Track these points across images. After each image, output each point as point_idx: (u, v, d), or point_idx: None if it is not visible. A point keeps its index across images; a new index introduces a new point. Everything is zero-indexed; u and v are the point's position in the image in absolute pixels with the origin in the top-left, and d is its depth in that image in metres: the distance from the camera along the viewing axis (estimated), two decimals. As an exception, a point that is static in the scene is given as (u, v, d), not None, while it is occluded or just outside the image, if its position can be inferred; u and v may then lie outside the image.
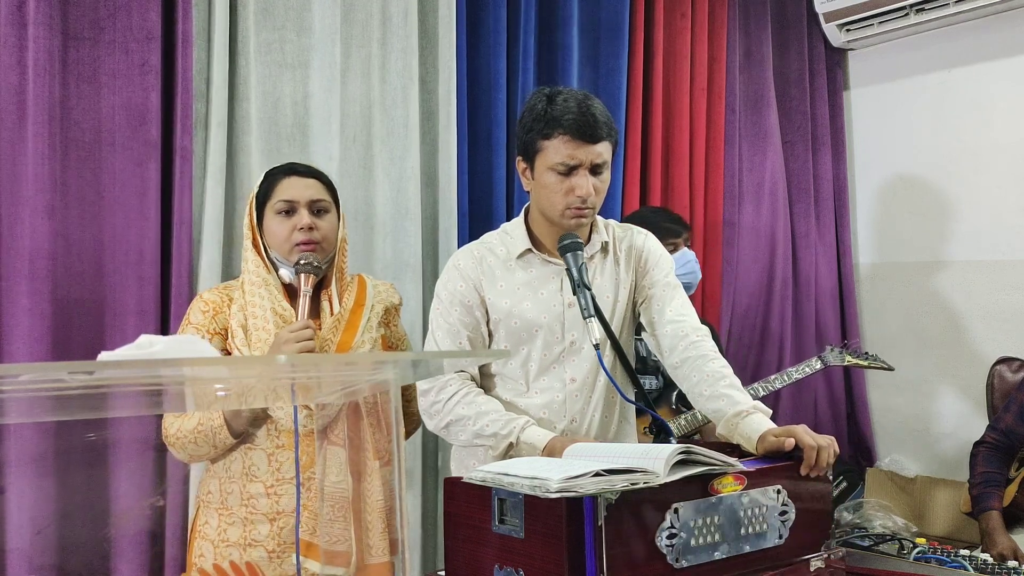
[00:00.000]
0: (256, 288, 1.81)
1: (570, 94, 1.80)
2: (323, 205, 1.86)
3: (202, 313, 1.82)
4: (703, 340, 1.87)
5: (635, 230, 2.01)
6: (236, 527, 1.77)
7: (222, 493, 1.80)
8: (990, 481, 2.63)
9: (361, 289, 1.93)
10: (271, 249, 1.84)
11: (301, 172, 1.88)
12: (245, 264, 1.84)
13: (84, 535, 2.14)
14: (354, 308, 1.88)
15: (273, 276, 1.83)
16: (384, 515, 1.79)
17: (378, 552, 1.76)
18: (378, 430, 1.76)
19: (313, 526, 1.74)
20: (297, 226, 1.81)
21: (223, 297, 1.84)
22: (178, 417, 1.77)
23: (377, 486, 1.75)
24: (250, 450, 1.79)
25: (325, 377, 1.34)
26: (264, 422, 1.78)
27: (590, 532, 1.25)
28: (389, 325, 1.98)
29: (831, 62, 3.91)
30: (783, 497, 1.48)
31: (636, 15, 3.20)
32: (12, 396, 1.03)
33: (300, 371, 1.29)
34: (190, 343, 1.41)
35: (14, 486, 2.04)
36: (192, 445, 1.75)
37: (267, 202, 1.84)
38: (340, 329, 1.84)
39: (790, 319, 3.68)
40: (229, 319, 1.81)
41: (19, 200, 2.08)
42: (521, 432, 1.75)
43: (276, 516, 1.77)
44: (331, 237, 1.86)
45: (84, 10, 2.19)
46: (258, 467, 1.78)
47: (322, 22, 2.51)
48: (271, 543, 1.76)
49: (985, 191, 3.51)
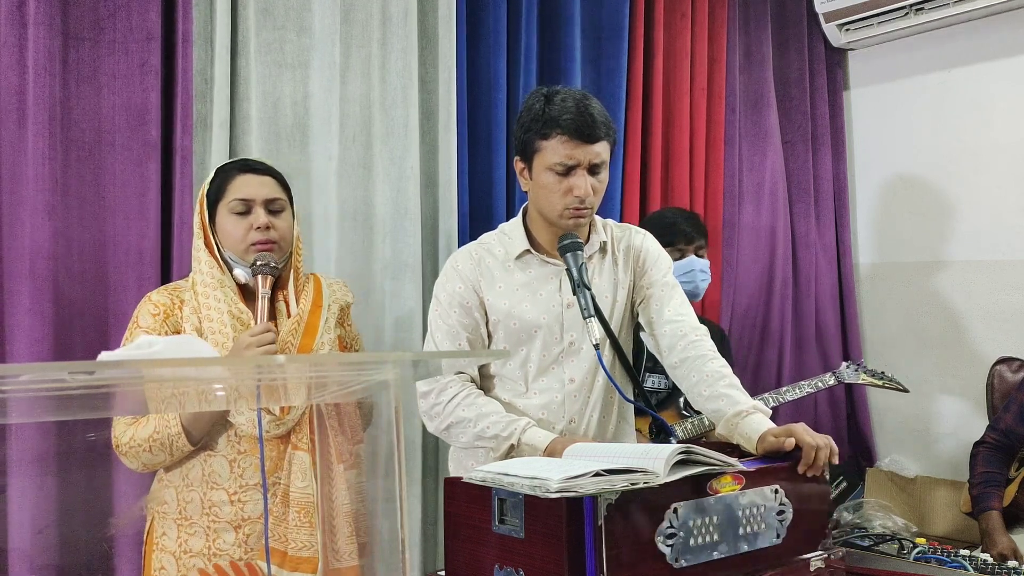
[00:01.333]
0: (210, 290, 1.76)
1: (568, 94, 1.80)
2: (279, 204, 1.82)
3: (152, 316, 1.76)
4: (702, 340, 1.87)
5: (633, 230, 2.01)
6: (198, 537, 1.72)
7: (180, 502, 1.74)
8: (990, 481, 2.64)
9: (317, 289, 1.88)
10: (225, 249, 1.79)
11: (256, 169, 1.83)
12: (197, 264, 1.79)
13: (85, 535, 2.13)
14: (312, 309, 1.83)
15: (228, 277, 1.78)
16: (352, 519, 1.77)
17: (346, 556, 1.74)
18: (341, 433, 1.75)
19: (281, 532, 1.71)
20: (254, 225, 1.76)
21: (173, 299, 1.79)
22: (130, 424, 1.72)
23: (343, 490, 1.73)
24: (210, 457, 1.74)
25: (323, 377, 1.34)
26: (224, 429, 1.74)
27: (590, 532, 1.25)
28: (344, 324, 1.95)
29: (831, 62, 3.91)
30: (780, 497, 1.49)
31: (636, 15, 3.20)
32: (13, 396, 1.03)
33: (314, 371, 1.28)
34: (189, 343, 1.42)
35: (15, 486, 2.04)
36: (147, 454, 1.70)
37: (220, 200, 1.79)
38: (300, 332, 1.79)
39: (790, 319, 3.68)
40: (182, 322, 1.76)
41: (19, 200, 2.08)
42: (522, 434, 1.75)
43: (241, 523, 1.73)
44: (288, 236, 1.82)
45: (84, 10, 2.19)
46: (219, 474, 1.74)
47: (322, 22, 2.51)
48: (237, 551, 1.72)
49: (985, 191, 3.51)
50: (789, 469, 1.53)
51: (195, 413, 1.68)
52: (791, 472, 1.53)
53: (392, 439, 1.15)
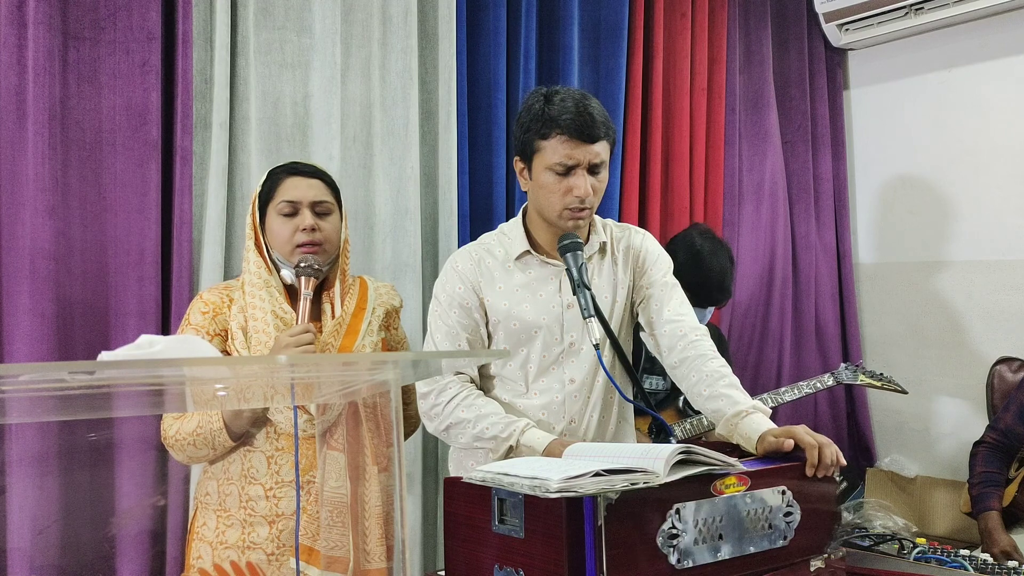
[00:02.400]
0: (257, 289, 1.79)
1: (567, 94, 1.80)
2: (326, 206, 1.84)
3: (202, 314, 1.80)
4: (702, 340, 1.87)
5: (633, 230, 2.01)
6: (235, 529, 1.76)
7: (220, 495, 1.79)
8: (989, 481, 2.64)
9: (363, 292, 1.91)
10: (273, 250, 1.82)
11: (304, 172, 1.86)
12: (246, 264, 1.83)
13: (86, 535, 2.14)
14: (355, 312, 1.86)
15: (275, 277, 1.81)
16: (382, 521, 1.78)
17: (375, 558, 1.75)
18: (376, 435, 1.76)
19: (313, 531, 1.73)
20: (300, 227, 1.79)
21: (223, 298, 1.82)
22: (176, 419, 1.76)
23: (376, 492, 1.74)
24: (249, 452, 1.78)
25: (324, 377, 1.34)
26: (264, 425, 1.77)
27: (590, 532, 1.25)
28: (390, 328, 1.97)
29: (831, 62, 3.91)
30: (788, 498, 1.48)
31: (636, 15, 3.20)
32: (13, 396, 1.03)
33: (299, 371, 1.28)
34: (190, 343, 1.42)
35: (15, 486, 2.04)
36: (191, 447, 1.75)
37: (270, 202, 1.83)
38: (341, 333, 1.82)
39: (790, 319, 3.68)
40: (229, 320, 1.79)
41: (20, 200, 2.09)
42: (521, 435, 1.75)
43: (275, 519, 1.76)
44: (334, 239, 1.85)
45: (84, 10, 2.19)
46: (257, 469, 1.77)
47: (322, 22, 2.51)
48: (270, 546, 1.75)
49: (985, 191, 3.51)
50: (796, 470, 1.52)
51: (235, 410, 1.72)
52: (798, 473, 1.52)
53: (392, 439, 1.15)
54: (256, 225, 1.83)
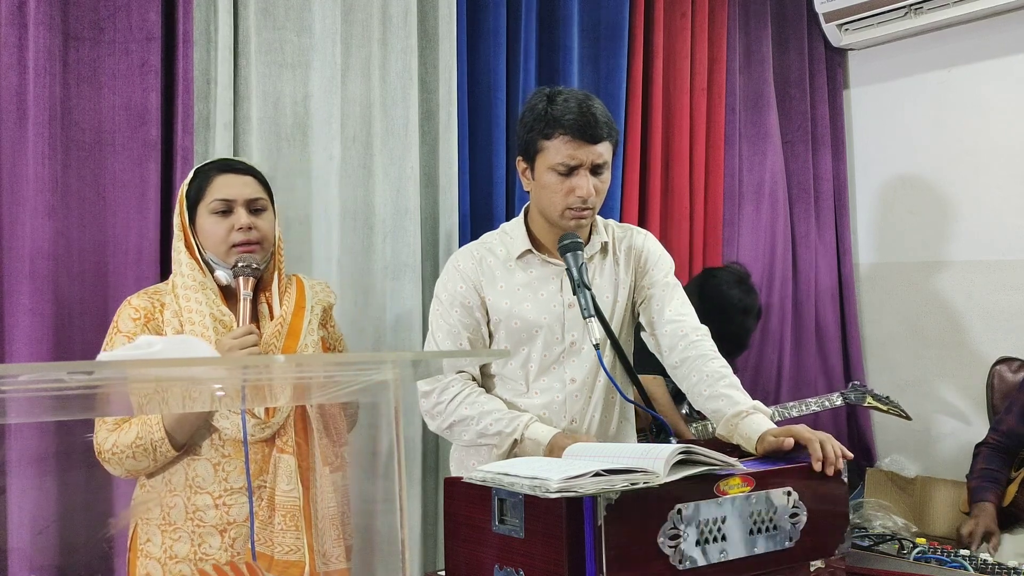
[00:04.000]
0: (191, 292, 1.73)
1: (571, 94, 1.80)
2: (261, 203, 1.79)
3: (133, 320, 1.73)
4: (703, 340, 1.87)
5: (634, 230, 2.01)
6: (183, 542, 1.70)
7: (163, 508, 1.72)
8: (988, 477, 2.64)
9: (300, 291, 1.85)
10: (206, 250, 1.76)
11: (237, 169, 1.80)
12: (177, 267, 1.77)
13: (84, 535, 2.13)
14: (295, 311, 1.80)
15: (209, 279, 1.76)
16: (339, 521, 1.76)
17: (334, 559, 1.74)
18: (326, 436, 1.74)
19: (266, 536, 1.70)
20: (235, 226, 1.74)
21: (154, 302, 1.76)
22: (112, 431, 1.70)
23: (329, 493, 1.72)
24: (194, 461, 1.72)
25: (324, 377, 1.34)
26: (208, 432, 1.72)
27: (590, 532, 1.25)
28: (326, 326, 1.92)
29: (831, 62, 3.91)
30: (793, 499, 1.47)
31: (636, 15, 3.20)
32: (12, 396, 1.03)
33: (305, 370, 1.28)
34: (189, 343, 1.41)
35: (15, 486, 2.04)
36: (130, 460, 1.67)
37: (200, 201, 1.76)
38: (283, 334, 1.76)
39: (790, 319, 3.68)
40: (163, 325, 1.73)
41: (19, 200, 2.08)
42: (525, 429, 1.75)
43: (226, 527, 1.71)
44: (270, 236, 1.79)
45: (84, 10, 2.19)
46: (203, 478, 1.72)
47: (322, 22, 2.51)
48: (223, 555, 1.70)
49: (985, 191, 3.51)
50: (803, 471, 1.51)
51: (178, 418, 1.66)
52: (806, 474, 1.51)
53: (392, 439, 1.15)
54: (185, 225, 1.77)
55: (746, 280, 2.84)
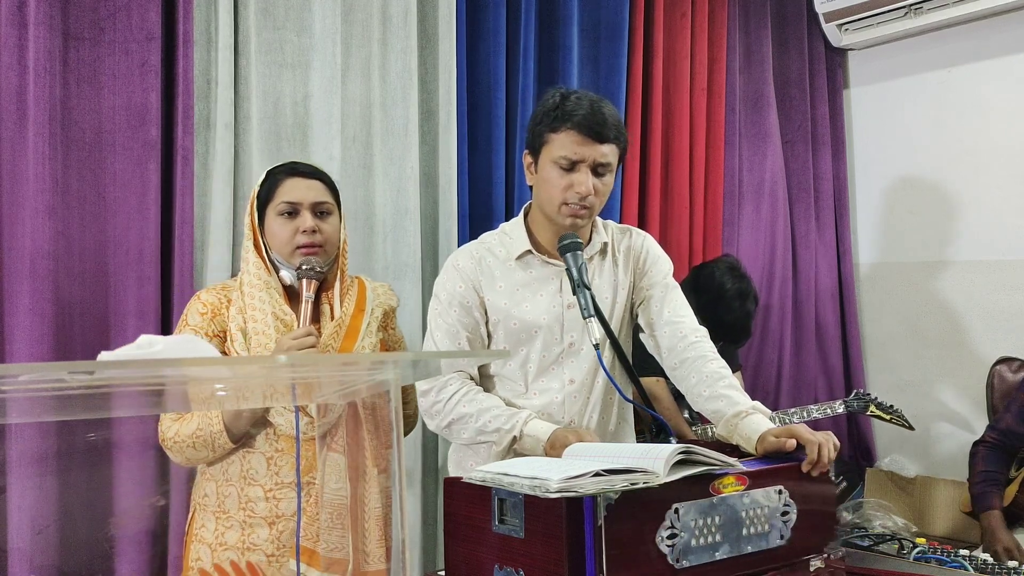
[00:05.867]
0: (256, 291, 1.78)
1: (584, 95, 1.80)
2: (326, 207, 1.83)
3: (200, 315, 1.79)
4: (702, 341, 1.87)
5: (634, 231, 2.01)
6: (234, 531, 1.76)
7: (219, 496, 1.78)
8: (990, 480, 2.64)
9: (361, 293, 1.90)
10: (272, 250, 1.81)
11: (304, 173, 1.85)
12: (245, 265, 1.82)
13: (85, 535, 2.14)
14: (355, 313, 1.85)
15: (274, 278, 1.80)
16: (381, 523, 1.78)
17: (375, 559, 1.75)
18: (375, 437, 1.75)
19: (313, 532, 1.73)
20: (300, 228, 1.78)
21: (221, 298, 1.81)
22: (175, 421, 1.76)
23: (375, 493, 1.74)
24: (248, 454, 1.77)
25: (324, 377, 1.34)
26: (263, 427, 1.77)
27: (590, 532, 1.25)
28: (387, 328, 1.96)
29: (831, 62, 3.91)
30: (784, 498, 1.48)
31: (636, 15, 3.20)
32: (13, 396, 1.03)
33: (299, 371, 1.28)
34: (190, 343, 1.42)
35: (15, 486, 2.04)
36: (190, 449, 1.74)
37: (269, 202, 1.81)
38: (341, 335, 1.81)
39: (790, 319, 3.68)
40: (228, 322, 1.78)
41: (20, 200, 2.09)
42: (524, 425, 1.75)
43: (275, 520, 1.76)
44: (334, 240, 1.84)
45: (84, 10, 2.19)
46: (257, 471, 1.77)
47: (322, 22, 2.51)
48: (270, 547, 1.75)
49: (985, 191, 3.52)
50: (794, 470, 1.52)
51: (235, 411, 1.71)
52: (796, 473, 1.52)
53: (392, 439, 1.15)
54: (255, 225, 1.82)
55: (738, 267, 2.88)
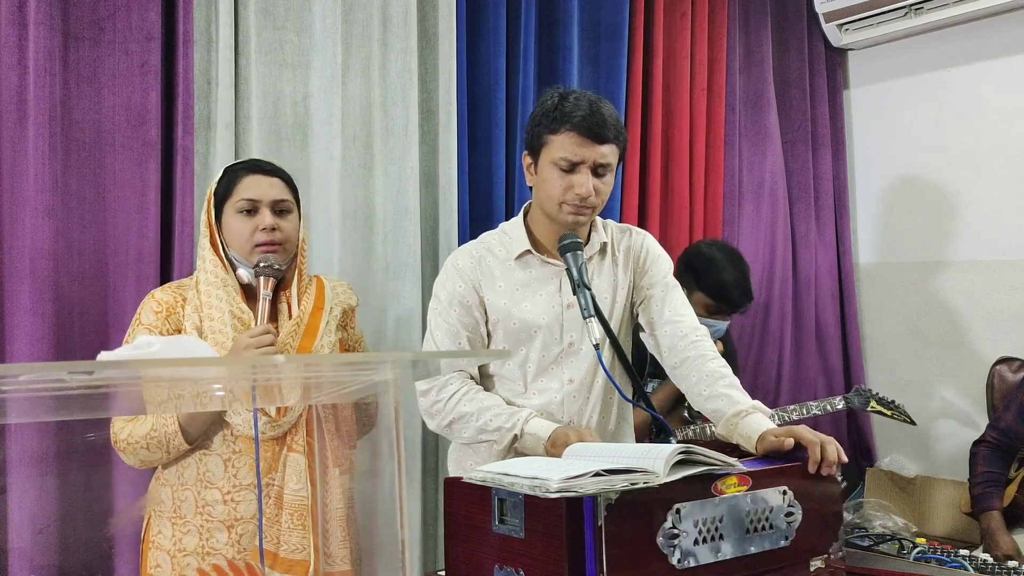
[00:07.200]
0: (213, 288, 1.75)
1: (583, 95, 1.80)
2: (286, 205, 1.81)
3: (155, 313, 1.76)
4: (702, 340, 1.87)
5: (633, 230, 2.01)
6: (192, 536, 1.72)
7: (175, 501, 1.74)
8: (991, 481, 2.64)
9: (320, 291, 1.87)
10: (230, 248, 1.79)
11: (265, 170, 1.82)
12: (202, 263, 1.79)
13: (85, 535, 2.13)
14: (313, 311, 1.83)
15: (231, 276, 1.78)
16: (344, 523, 1.77)
17: (338, 560, 1.74)
18: (337, 437, 1.74)
19: (273, 534, 1.71)
20: (260, 226, 1.76)
21: (176, 297, 1.78)
22: (128, 422, 1.72)
23: (337, 494, 1.73)
24: (205, 456, 1.74)
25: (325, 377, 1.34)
26: (220, 428, 1.74)
27: (590, 532, 1.25)
28: (347, 327, 1.94)
29: (831, 62, 3.91)
30: (789, 498, 1.48)
31: (636, 15, 3.20)
32: (12, 396, 1.03)
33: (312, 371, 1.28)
34: (188, 343, 1.41)
35: (15, 486, 2.04)
36: (144, 451, 1.70)
37: (227, 199, 1.79)
38: (300, 333, 1.79)
39: (790, 319, 3.68)
40: (183, 320, 1.75)
41: (20, 200, 2.08)
42: (525, 424, 1.75)
43: (234, 523, 1.72)
44: (293, 238, 1.82)
45: (84, 10, 2.19)
46: (214, 473, 1.73)
47: (322, 22, 2.51)
48: (229, 551, 1.71)
49: (985, 191, 3.51)
50: (798, 470, 1.52)
51: (192, 412, 1.68)
52: (801, 473, 1.52)
53: (392, 439, 1.15)
54: (212, 222, 1.79)
55: (719, 240, 2.92)
